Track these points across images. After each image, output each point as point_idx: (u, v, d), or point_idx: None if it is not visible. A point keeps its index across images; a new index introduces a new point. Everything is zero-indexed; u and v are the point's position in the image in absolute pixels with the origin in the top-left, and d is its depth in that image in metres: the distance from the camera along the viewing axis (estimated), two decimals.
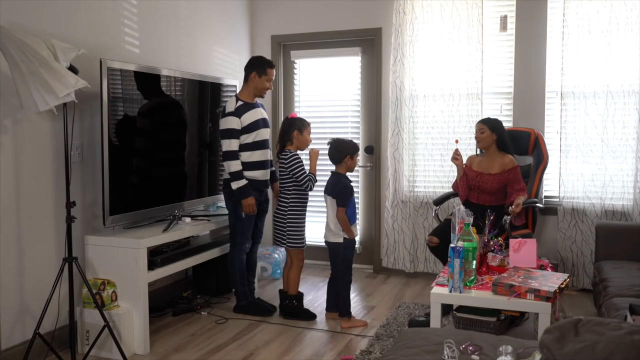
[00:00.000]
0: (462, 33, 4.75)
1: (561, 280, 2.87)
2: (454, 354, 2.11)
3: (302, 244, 3.99)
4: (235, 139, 3.84)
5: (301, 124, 3.95)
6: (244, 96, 3.95)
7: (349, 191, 3.80)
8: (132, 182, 3.70)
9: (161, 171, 3.96)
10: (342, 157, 3.84)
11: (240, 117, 3.85)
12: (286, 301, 4.01)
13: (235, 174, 3.85)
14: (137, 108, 3.74)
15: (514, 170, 4.00)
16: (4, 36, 2.83)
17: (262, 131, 3.98)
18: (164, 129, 3.97)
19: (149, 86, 3.81)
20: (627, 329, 1.41)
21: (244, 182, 3.87)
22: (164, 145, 3.97)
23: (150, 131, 3.85)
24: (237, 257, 4.04)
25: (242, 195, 3.88)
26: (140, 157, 3.78)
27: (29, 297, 3.27)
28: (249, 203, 3.89)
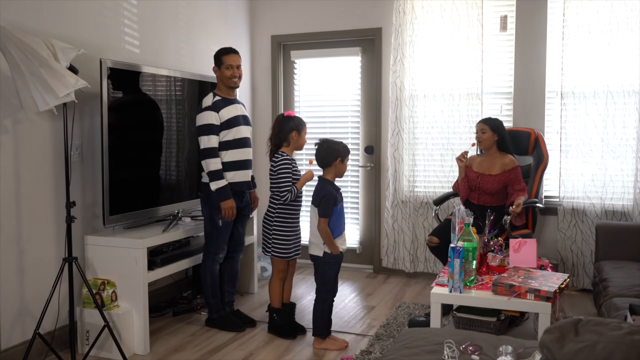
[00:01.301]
0: (462, 33, 4.75)
1: (561, 280, 2.87)
2: (454, 354, 2.11)
3: (287, 254, 3.60)
4: (214, 135, 3.58)
5: (300, 124, 3.62)
6: (220, 92, 3.71)
7: (332, 200, 3.37)
8: (132, 182, 3.70)
9: (161, 171, 3.96)
10: (331, 160, 3.43)
11: (218, 112, 3.60)
12: (270, 315, 3.71)
13: (215, 173, 3.57)
14: (137, 108, 3.74)
15: (514, 170, 4.00)
16: (4, 36, 2.83)
17: (243, 128, 3.71)
18: (163, 129, 3.97)
19: (148, 86, 3.81)
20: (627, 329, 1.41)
21: (224, 182, 3.59)
22: (164, 145, 3.97)
23: (150, 131, 3.85)
24: (209, 267, 3.76)
25: (220, 197, 3.58)
26: (140, 157, 3.77)
27: (29, 297, 3.27)
28: (229, 206, 3.60)
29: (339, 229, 3.45)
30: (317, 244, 3.44)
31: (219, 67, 3.70)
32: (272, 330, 3.71)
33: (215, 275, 3.80)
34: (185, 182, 4.19)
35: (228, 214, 3.63)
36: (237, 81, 3.72)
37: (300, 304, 4.22)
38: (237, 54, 3.74)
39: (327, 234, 3.37)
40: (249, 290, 4.62)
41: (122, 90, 3.59)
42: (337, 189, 3.47)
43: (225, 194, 3.60)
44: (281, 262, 3.65)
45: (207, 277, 3.78)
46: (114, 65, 3.48)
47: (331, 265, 3.44)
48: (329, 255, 3.41)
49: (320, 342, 3.50)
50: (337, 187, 3.49)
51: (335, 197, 3.40)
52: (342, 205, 3.49)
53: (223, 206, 3.60)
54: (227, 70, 3.67)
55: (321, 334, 3.50)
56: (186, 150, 4.17)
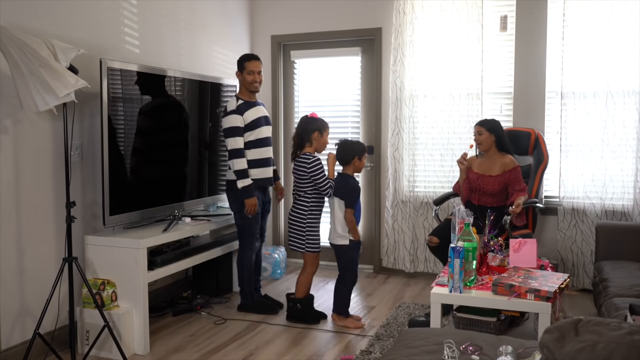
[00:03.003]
0: (462, 33, 4.75)
1: (561, 280, 2.87)
2: (454, 354, 2.11)
3: (319, 248, 3.92)
4: (240, 137, 3.86)
5: (322, 125, 3.86)
6: (242, 95, 3.99)
7: (356, 192, 3.80)
8: (132, 182, 3.70)
9: (161, 171, 3.96)
10: (350, 158, 3.81)
11: (242, 115, 3.87)
12: (291, 304, 3.94)
13: (241, 172, 3.85)
14: (137, 108, 3.74)
15: (514, 170, 4.00)
16: (4, 36, 2.83)
17: (264, 129, 3.99)
18: (163, 129, 3.97)
19: (148, 86, 3.81)
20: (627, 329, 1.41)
21: (249, 181, 3.87)
22: (163, 145, 3.97)
23: (150, 131, 3.85)
24: (246, 257, 4.06)
25: (245, 194, 3.88)
26: (140, 157, 3.77)
27: (29, 297, 3.27)
28: (252, 203, 3.89)
29: (358, 219, 3.86)
30: (343, 234, 3.79)
31: (241, 72, 3.98)
32: (292, 318, 3.90)
33: (252, 265, 4.10)
34: (186, 182, 4.19)
35: (251, 210, 3.90)
36: (257, 86, 4.00)
37: None
38: (258, 60, 4.02)
39: (352, 223, 3.77)
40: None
41: (122, 91, 3.59)
42: (358, 182, 3.90)
43: (249, 192, 3.88)
44: (316, 256, 3.91)
45: (244, 266, 4.06)
46: (114, 65, 3.48)
47: (355, 250, 3.85)
48: (353, 242, 3.80)
49: (341, 319, 3.83)
50: (357, 180, 3.91)
51: (359, 190, 3.85)
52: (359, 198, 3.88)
53: (247, 203, 3.88)
54: (248, 76, 3.95)
55: (343, 312, 3.84)
56: (187, 149, 4.17)
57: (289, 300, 3.95)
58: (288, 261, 5.37)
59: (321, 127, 3.84)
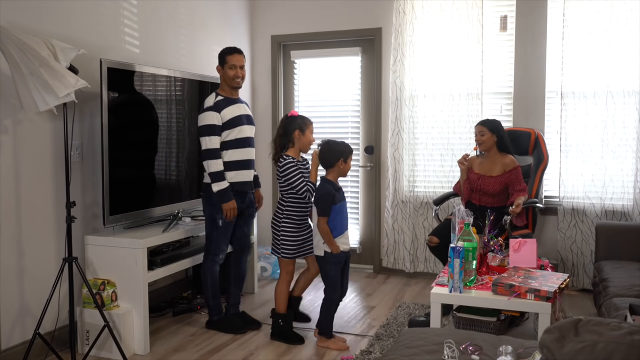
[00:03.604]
0: (462, 33, 4.75)
1: (561, 280, 2.87)
2: (454, 354, 2.11)
3: (293, 253, 3.57)
4: (216, 136, 3.56)
5: (302, 123, 3.54)
6: (223, 91, 3.70)
7: (330, 199, 3.35)
8: (132, 182, 3.70)
9: (161, 171, 3.96)
10: (334, 160, 3.40)
11: (220, 112, 3.57)
12: (273, 320, 3.65)
13: (216, 175, 3.55)
14: (137, 108, 3.73)
15: (514, 170, 4.00)
16: (4, 36, 2.83)
17: (245, 128, 3.69)
18: (163, 128, 3.97)
19: (148, 86, 3.81)
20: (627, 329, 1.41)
21: (226, 184, 3.57)
22: (163, 145, 3.97)
23: (150, 131, 3.85)
24: (209, 268, 3.74)
25: (222, 198, 3.57)
26: (140, 157, 3.77)
27: (29, 297, 3.27)
28: (230, 207, 3.59)
29: (340, 229, 3.42)
30: (317, 244, 3.45)
31: (223, 66, 3.68)
32: (275, 337, 3.62)
33: (216, 276, 3.78)
34: (185, 182, 4.19)
35: (229, 215, 3.61)
36: (239, 81, 3.70)
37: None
38: (241, 54, 3.72)
39: (326, 233, 3.35)
40: (249, 290, 4.61)
41: (122, 91, 3.59)
42: (338, 188, 3.46)
43: (226, 196, 3.58)
44: (289, 262, 3.61)
45: (207, 278, 3.76)
46: (114, 65, 3.48)
47: (333, 264, 3.42)
48: (329, 254, 3.40)
49: (323, 340, 3.52)
50: (339, 186, 3.47)
51: (334, 196, 3.38)
52: (343, 204, 3.47)
53: (225, 207, 3.59)
54: (230, 70, 3.65)
55: (326, 333, 3.53)
56: (186, 150, 4.17)
57: (272, 315, 3.68)
58: None
59: (302, 125, 3.53)
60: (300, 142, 3.55)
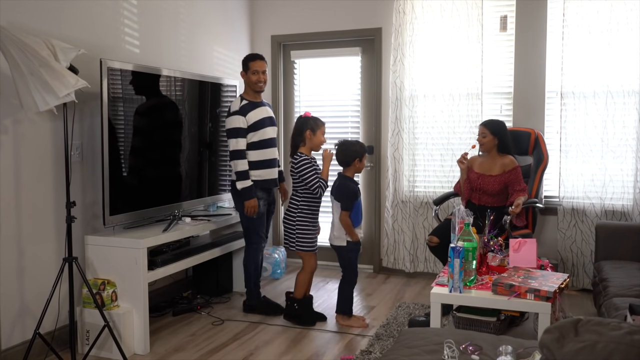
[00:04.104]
0: (462, 33, 4.75)
1: (561, 280, 2.87)
2: (454, 354, 2.11)
3: (312, 247, 3.87)
4: (242, 138, 3.85)
5: (314, 124, 3.80)
6: (247, 95, 3.97)
7: (354, 195, 3.74)
8: (132, 182, 3.70)
9: (161, 171, 3.96)
10: (351, 160, 3.76)
11: (245, 116, 3.85)
12: (289, 303, 3.92)
13: (241, 174, 3.85)
14: (137, 108, 3.73)
15: (514, 171, 4.00)
16: (4, 36, 2.83)
17: (268, 130, 3.97)
18: (163, 129, 3.97)
19: (148, 86, 3.81)
20: (627, 329, 1.41)
21: (249, 183, 3.87)
22: (164, 145, 3.97)
23: (150, 131, 3.85)
24: (252, 257, 4.07)
25: (245, 196, 3.87)
26: (140, 157, 3.77)
27: (29, 297, 3.27)
28: (251, 205, 3.88)
29: (358, 221, 3.80)
30: (340, 236, 3.78)
31: (246, 72, 3.97)
32: (289, 317, 3.89)
33: (258, 264, 4.12)
34: (186, 182, 4.19)
35: (250, 212, 3.90)
36: (262, 85, 3.98)
37: None
38: (263, 60, 4.00)
39: (348, 225, 3.73)
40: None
41: (122, 91, 3.59)
42: (357, 183, 3.86)
43: (249, 193, 3.88)
44: (311, 255, 3.87)
45: (250, 266, 4.07)
46: (114, 65, 3.48)
47: (354, 251, 3.82)
48: (351, 243, 3.78)
49: (345, 319, 3.83)
50: (357, 182, 3.87)
51: (357, 193, 3.79)
52: (360, 200, 3.84)
53: (246, 204, 3.88)
54: (253, 76, 3.94)
55: (346, 312, 3.85)
56: (186, 150, 4.17)
57: (288, 299, 3.94)
58: (288, 261, 5.37)
59: (313, 125, 3.80)
60: (312, 142, 3.82)
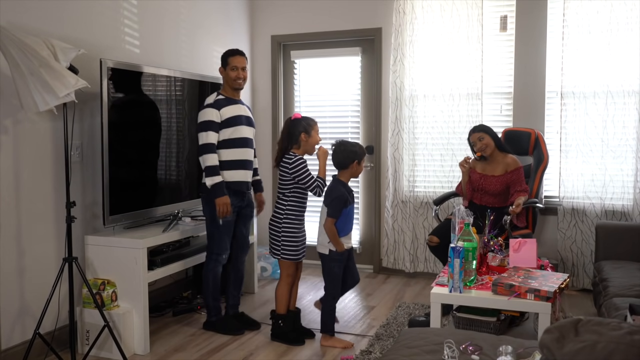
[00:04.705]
0: (462, 33, 4.75)
1: (561, 280, 2.87)
2: (454, 354, 2.11)
3: (297, 256, 3.55)
4: (213, 132, 3.56)
5: (307, 124, 3.49)
6: (225, 92, 3.73)
7: (342, 202, 3.41)
8: (132, 182, 3.70)
9: (161, 171, 3.96)
10: (349, 162, 3.45)
11: (219, 110, 3.60)
12: (275, 321, 3.62)
13: (211, 169, 3.54)
14: (137, 108, 3.73)
15: (517, 171, 4.00)
16: (4, 36, 2.83)
17: (244, 128, 3.69)
18: (163, 129, 3.97)
19: (148, 86, 3.81)
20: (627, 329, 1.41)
21: (220, 178, 3.55)
22: (164, 145, 3.97)
23: (150, 131, 3.85)
24: (211, 268, 3.73)
25: (215, 193, 3.54)
26: (140, 157, 3.77)
27: (29, 297, 3.27)
28: (224, 202, 3.55)
29: (346, 229, 3.49)
30: (323, 242, 3.48)
31: (225, 67, 3.72)
32: (275, 337, 3.61)
33: (218, 277, 3.77)
34: (185, 182, 4.19)
35: (222, 210, 3.57)
36: (241, 83, 3.73)
37: (299, 304, 4.20)
38: (242, 55, 3.75)
39: (332, 233, 3.41)
40: (249, 290, 4.61)
41: (122, 90, 3.59)
42: (350, 190, 3.51)
43: (219, 191, 3.56)
44: (291, 265, 3.58)
45: (209, 279, 3.74)
46: (114, 65, 3.48)
47: (337, 262, 3.47)
48: (334, 252, 3.45)
49: (327, 339, 3.53)
50: (350, 188, 3.52)
51: (347, 200, 3.44)
52: (352, 207, 3.51)
53: (217, 202, 3.56)
54: (232, 72, 3.69)
55: (329, 330, 3.54)
56: (186, 150, 4.17)
57: (272, 316, 3.65)
58: None
59: (307, 127, 3.49)
60: (307, 144, 3.52)
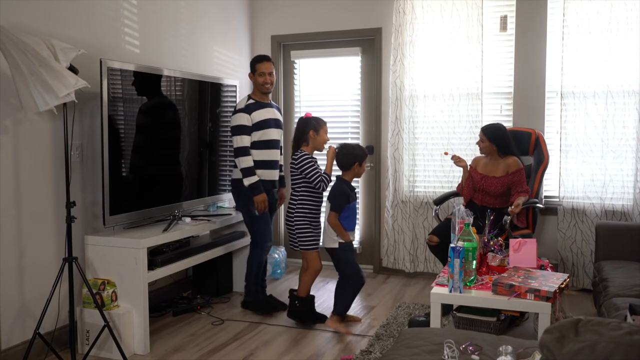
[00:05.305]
0: (462, 33, 4.75)
1: (561, 280, 2.87)
2: (454, 354, 2.11)
3: (315, 246, 3.82)
4: (246, 135, 3.88)
5: (317, 123, 3.81)
6: (255, 96, 4.02)
7: (344, 198, 3.68)
8: (132, 182, 3.70)
9: (161, 171, 3.96)
10: (351, 164, 3.73)
11: (250, 114, 3.90)
12: (292, 301, 3.90)
13: (247, 170, 3.87)
14: (137, 108, 3.73)
15: (518, 172, 3.99)
16: (4, 36, 2.83)
17: (272, 131, 3.99)
18: (163, 128, 3.97)
19: (148, 86, 3.81)
20: (627, 329, 1.41)
21: (256, 178, 3.89)
22: (164, 145, 3.97)
23: (150, 131, 3.85)
24: (256, 256, 4.08)
25: (254, 192, 3.88)
26: (140, 157, 3.77)
27: (29, 297, 3.27)
28: (262, 199, 3.89)
29: (350, 226, 3.73)
30: (332, 237, 3.70)
31: (253, 73, 4.02)
32: (291, 315, 3.88)
33: (262, 264, 4.13)
34: (186, 182, 4.19)
35: (261, 207, 3.91)
36: (269, 87, 4.02)
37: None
38: (269, 61, 4.05)
39: (336, 226, 3.66)
40: None
41: (122, 90, 3.59)
42: (353, 188, 3.78)
43: (257, 189, 3.89)
44: (313, 254, 3.82)
45: (253, 265, 4.08)
46: (114, 65, 3.48)
47: (348, 251, 3.73)
48: (343, 244, 3.70)
49: (335, 320, 3.73)
50: (353, 187, 3.79)
51: (349, 196, 3.69)
52: (354, 204, 3.77)
53: (256, 200, 3.89)
54: (260, 77, 3.99)
55: (341, 313, 3.74)
56: (186, 150, 4.17)
57: (291, 296, 3.92)
58: (288, 261, 5.37)
59: (316, 125, 3.80)
60: (315, 142, 3.81)
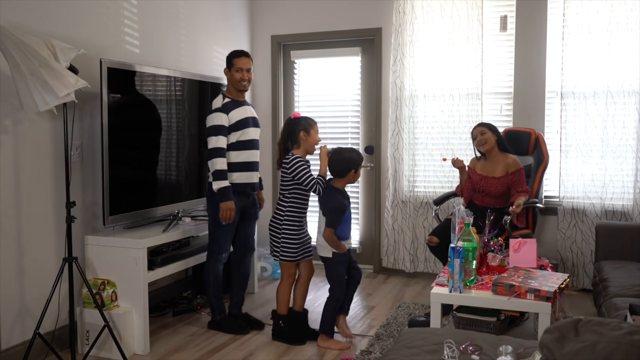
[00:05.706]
0: (462, 33, 4.75)
1: (561, 280, 2.87)
2: (454, 354, 2.11)
3: (295, 257, 3.53)
4: (223, 136, 3.59)
5: (307, 124, 3.52)
6: (230, 94, 3.73)
7: (341, 212, 3.41)
8: (132, 182, 3.70)
9: (161, 171, 3.96)
10: (346, 171, 3.43)
11: (227, 114, 3.62)
12: (274, 321, 3.65)
13: (219, 173, 3.56)
14: (137, 108, 3.73)
15: (518, 172, 3.99)
16: (4, 36, 2.83)
17: (251, 130, 3.73)
18: (163, 129, 3.97)
19: (148, 86, 3.81)
20: (627, 329, 1.41)
21: (226, 183, 3.57)
22: (163, 145, 3.97)
23: (150, 131, 3.85)
24: (212, 267, 3.76)
25: (221, 197, 3.56)
26: (140, 157, 3.77)
27: (29, 297, 3.27)
28: (228, 207, 3.56)
29: (345, 234, 3.49)
30: (325, 246, 3.46)
31: (230, 69, 3.72)
32: (276, 337, 3.61)
33: (219, 276, 3.79)
34: (186, 182, 4.19)
35: (226, 215, 3.58)
36: (246, 84, 3.73)
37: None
38: (248, 57, 3.75)
39: (333, 242, 3.41)
40: (249, 290, 4.60)
41: (122, 91, 3.59)
42: (347, 197, 3.51)
43: (226, 195, 3.57)
44: (291, 265, 3.57)
45: (210, 277, 3.76)
46: (114, 65, 3.48)
47: (340, 263, 3.48)
48: (337, 254, 3.45)
49: (325, 340, 3.51)
50: (347, 194, 3.53)
51: (345, 207, 3.44)
52: (349, 211, 3.51)
53: (222, 207, 3.57)
54: (237, 73, 3.69)
55: (328, 331, 3.52)
56: (186, 150, 4.17)
57: (273, 316, 3.68)
58: None
59: (307, 126, 3.51)
60: (307, 143, 3.52)
